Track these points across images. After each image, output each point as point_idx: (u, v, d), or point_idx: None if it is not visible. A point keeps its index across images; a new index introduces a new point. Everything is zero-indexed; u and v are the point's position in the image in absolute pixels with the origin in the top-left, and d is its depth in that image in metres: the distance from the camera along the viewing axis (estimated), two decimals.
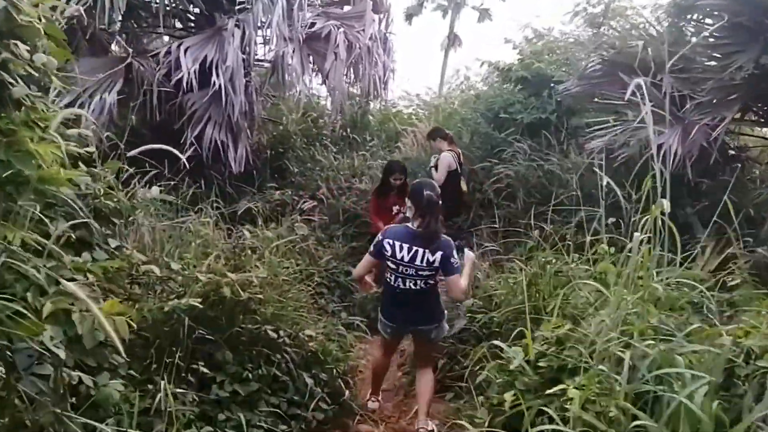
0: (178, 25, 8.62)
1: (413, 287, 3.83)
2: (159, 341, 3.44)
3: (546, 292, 3.79)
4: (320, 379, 4.00)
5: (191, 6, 8.13)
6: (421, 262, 3.75)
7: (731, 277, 3.80)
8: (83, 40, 7.20)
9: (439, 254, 3.73)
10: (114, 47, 8.09)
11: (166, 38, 8.73)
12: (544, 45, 8.13)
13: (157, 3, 7.02)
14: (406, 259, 3.77)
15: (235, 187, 7.23)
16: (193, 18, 8.32)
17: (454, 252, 3.79)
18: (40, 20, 2.26)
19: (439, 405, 4.23)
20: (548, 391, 2.09)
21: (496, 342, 2.73)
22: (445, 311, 4.11)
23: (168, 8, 7.52)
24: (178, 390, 3.12)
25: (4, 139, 2.10)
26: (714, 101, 6.14)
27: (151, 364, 3.33)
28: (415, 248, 3.76)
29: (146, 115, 7.03)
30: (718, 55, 6.16)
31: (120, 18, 7.54)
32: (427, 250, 3.74)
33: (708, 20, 6.48)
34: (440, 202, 3.88)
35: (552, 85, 7.47)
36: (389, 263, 3.85)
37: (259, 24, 7.28)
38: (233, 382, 3.57)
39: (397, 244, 3.79)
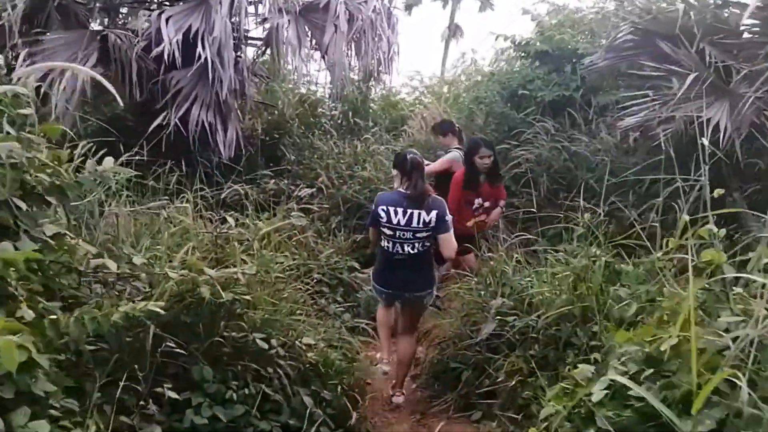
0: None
1: (411, 251, 3.83)
2: (119, 356, 2.74)
3: (597, 288, 3.08)
4: (321, 398, 3.30)
5: None
6: (418, 223, 3.77)
7: None
8: (55, 12, 6.50)
9: (434, 213, 3.78)
10: (93, 25, 7.39)
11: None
12: (565, 17, 7.40)
13: None
14: (402, 222, 3.78)
15: (225, 174, 6.50)
16: None
17: (447, 211, 3.86)
18: None
19: (466, 427, 3.53)
20: None
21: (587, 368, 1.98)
22: (436, 277, 4.16)
23: None
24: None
25: None
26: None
27: (109, 385, 2.64)
28: (410, 211, 3.78)
29: (126, 94, 6.32)
30: None
31: None
32: (422, 212, 3.77)
33: None
34: (424, 164, 3.96)
35: (574, 60, 6.73)
36: (385, 230, 3.83)
37: None
38: (213, 404, 2.87)
39: (391, 209, 3.79)
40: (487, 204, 5.30)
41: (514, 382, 3.27)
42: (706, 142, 2.29)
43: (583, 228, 3.38)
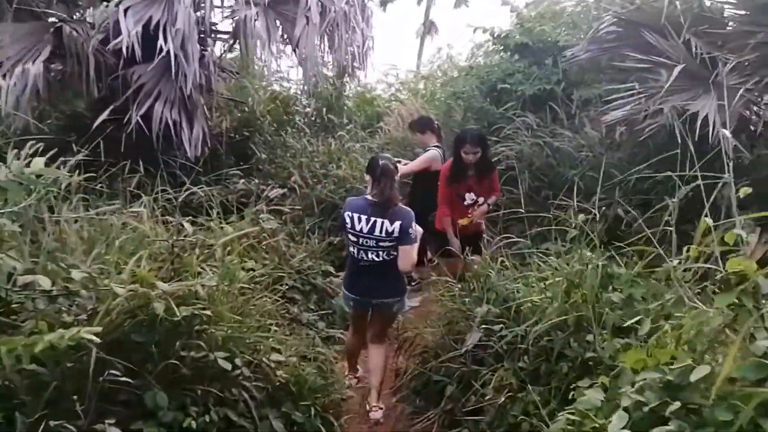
0: None
1: (376, 259, 3.78)
2: (59, 383, 2.41)
3: (593, 295, 2.83)
4: (293, 420, 3.00)
5: None
6: (381, 232, 3.70)
7: None
8: (5, 3, 6.09)
9: (397, 224, 3.68)
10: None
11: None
12: (546, 8, 7.16)
13: None
14: (365, 230, 3.72)
15: (191, 174, 6.13)
16: None
17: (413, 224, 3.74)
18: None
19: None
20: None
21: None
22: (407, 285, 4.11)
23: None
24: None
25: None
26: (748, 63, 5.25)
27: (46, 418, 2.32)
28: (373, 219, 3.71)
29: (84, 91, 5.93)
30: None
31: None
32: (385, 221, 3.69)
33: None
34: (398, 173, 3.85)
35: (555, 52, 6.50)
36: (350, 236, 3.81)
37: None
38: None
39: (356, 216, 3.74)
40: (481, 200, 4.97)
41: (503, 399, 2.99)
42: (728, 133, 2.03)
43: (576, 230, 3.12)
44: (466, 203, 4.92)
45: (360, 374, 4.31)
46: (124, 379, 2.36)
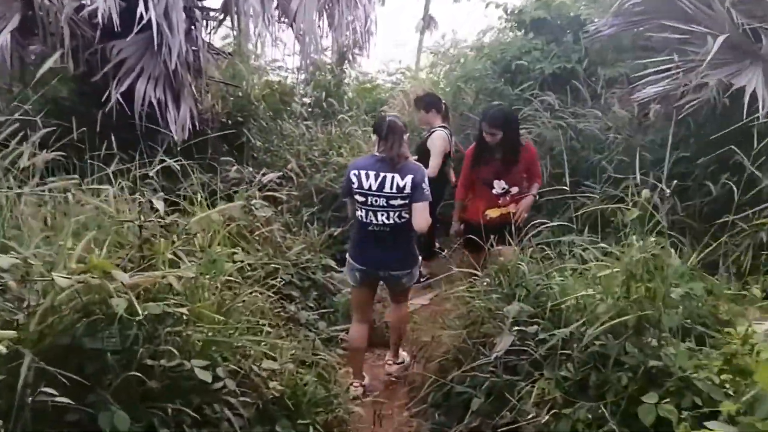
0: None
1: (386, 221, 3.54)
2: None
3: (664, 291, 2.29)
4: None
5: None
6: (391, 188, 3.49)
7: None
8: None
9: (409, 178, 3.48)
10: None
11: None
12: None
13: None
14: (374, 187, 3.50)
15: (177, 160, 5.54)
16: None
17: (426, 179, 3.53)
18: None
19: None
20: None
21: None
22: (419, 257, 3.85)
23: None
24: None
25: None
26: None
27: None
28: (382, 174, 3.50)
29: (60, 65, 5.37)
30: None
31: None
32: (395, 175, 3.48)
33: None
34: (406, 131, 3.62)
35: (576, 27, 5.96)
36: (358, 197, 3.56)
37: None
38: None
39: (363, 172, 3.53)
40: (514, 189, 4.35)
41: (546, 416, 2.45)
42: None
43: (638, 209, 2.57)
44: (495, 191, 4.33)
45: (366, 382, 3.78)
46: (60, 399, 1.79)
